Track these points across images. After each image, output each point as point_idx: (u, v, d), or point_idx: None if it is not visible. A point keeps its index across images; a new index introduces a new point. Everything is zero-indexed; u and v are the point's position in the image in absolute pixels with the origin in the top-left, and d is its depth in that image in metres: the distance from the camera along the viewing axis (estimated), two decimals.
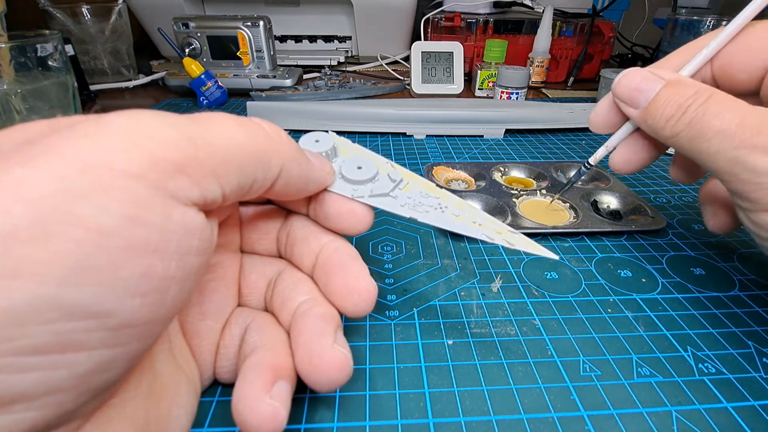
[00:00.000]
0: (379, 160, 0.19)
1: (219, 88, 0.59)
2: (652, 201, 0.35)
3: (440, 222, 0.17)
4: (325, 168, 0.17)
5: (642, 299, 0.24)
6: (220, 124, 0.13)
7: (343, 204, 0.17)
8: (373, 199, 0.17)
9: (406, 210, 0.17)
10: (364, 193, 0.17)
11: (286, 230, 0.19)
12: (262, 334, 0.16)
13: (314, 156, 0.17)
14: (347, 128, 0.49)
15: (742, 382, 0.19)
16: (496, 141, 0.49)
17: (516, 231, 0.17)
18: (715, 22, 0.55)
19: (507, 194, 0.34)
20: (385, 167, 0.19)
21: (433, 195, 0.18)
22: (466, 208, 0.18)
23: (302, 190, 0.16)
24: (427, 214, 0.17)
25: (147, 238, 0.10)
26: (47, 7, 0.62)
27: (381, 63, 0.81)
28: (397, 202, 0.18)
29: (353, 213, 0.17)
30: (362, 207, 0.17)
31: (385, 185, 0.18)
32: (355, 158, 0.19)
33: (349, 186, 0.18)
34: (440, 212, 0.17)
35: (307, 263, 0.17)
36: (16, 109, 0.39)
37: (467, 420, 0.18)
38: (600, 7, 0.75)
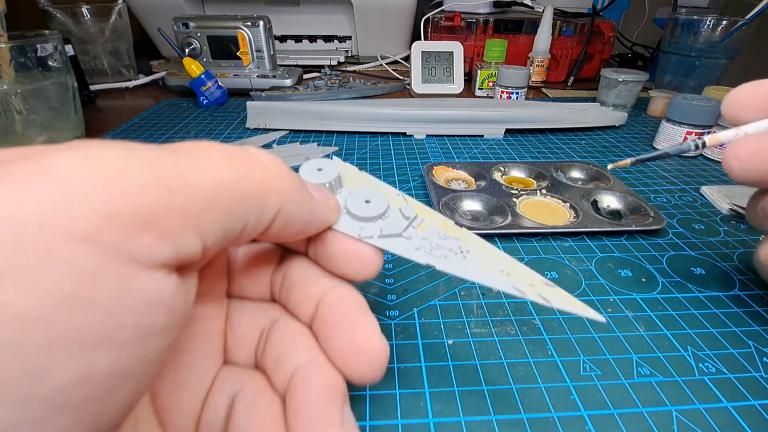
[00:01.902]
0: (389, 192, 0.17)
1: (219, 88, 0.59)
2: (652, 201, 0.35)
3: (462, 271, 0.15)
4: (330, 204, 0.15)
5: (642, 299, 0.24)
6: (204, 157, 0.10)
7: (349, 245, 0.15)
8: (384, 241, 0.15)
9: (422, 254, 0.15)
10: (373, 232, 0.15)
11: (282, 272, 0.16)
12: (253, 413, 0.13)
13: (317, 189, 0.15)
14: (347, 128, 0.49)
15: (742, 381, 0.19)
16: (496, 141, 0.49)
17: (552, 284, 0.14)
18: (715, 22, 0.55)
19: (507, 194, 0.34)
20: (396, 200, 0.17)
21: (452, 236, 0.16)
22: (491, 252, 0.15)
23: (302, 231, 0.14)
24: (446, 260, 0.15)
25: (88, 325, 0.07)
26: (47, 7, 0.62)
27: (381, 63, 0.81)
28: (410, 245, 0.15)
29: (360, 256, 0.15)
30: (370, 249, 0.15)
31: (396, 223, 0.16)
32: (362, 190, 0.16)
33: (356, 224, 0.15)
34: (461, 258, 0.15)
35: (306, 312, 0.15)
36: (16, 109, 0.39)
37: (467, 420, 0.18)
38: (600, 7, 0.75)
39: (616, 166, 0.23)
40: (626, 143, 0.48)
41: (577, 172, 0.39)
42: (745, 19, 0.53)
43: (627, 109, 0.58)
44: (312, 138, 0.48)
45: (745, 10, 0.52)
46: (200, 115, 0.55)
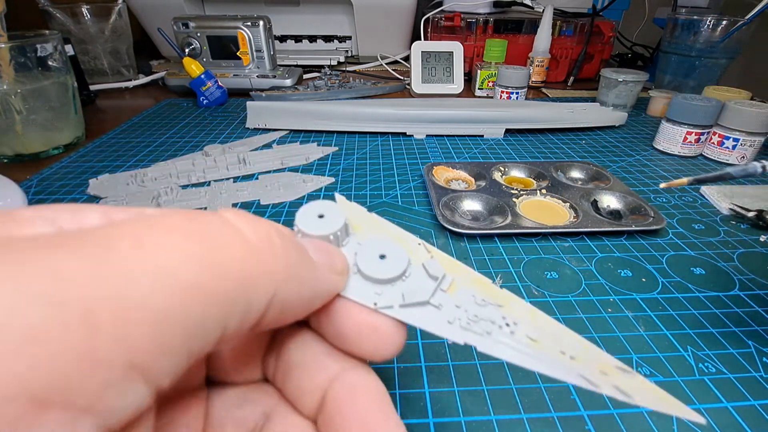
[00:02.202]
0: (407, 240, 0.13)
1: (219, 88, 0.59)
2: (652, 201, 0.35)
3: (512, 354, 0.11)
4: (336, 266, 0.12)
5: (642, 299, 0.24)
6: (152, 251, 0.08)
7: (363, 318, 0.12)
8: (407, 311, 0.12)
9: (457, 331, 0.12)
10: (393, 300, 0.12)
11: (276, 351, 0.13)
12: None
13: (319, 248, 0.12)
14: (347, 128, 0.49)
15: (742, 381, 0.19)
16: (496, 141, 0.49)
17: (629, 369, 0.11)
18: (715, 22, 0.55)
19: (507, 194, 0.34)
20: (417, 253, 0.13)
21: (492, 301, 0.12)
22: (545, 323, 0.12)
23: (303, 312, 0.11)
24: (490, 337, 0.12)
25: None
26: (47, 7, 0.62)
27: (381, 63, 0.81)
28: (442, 317, 0.12)
29: (378, 332, 0.12)
30: (390, 323, 0.12)
31: (421, 286, 0.12)
32: (375, 241, 0.13)
33: (371, 288, 0.12)
34: (508, 334, 0.12)
35: (309, 403, 0.12)
36: (16, 109, 0.39)
37: (467, 420, 0.18)
38: (600, 7, 0.75)
39: (670, 185, 0.22)
40: (626, 143, 0.48)
41: (577, 172, 0.39)
42: (745, 19, 0.53)
43: (627, 109, 0.58)
44: (312, 138, 0.48)
45: (745, 10, 0.52)
46: (200, 115, 0.55)
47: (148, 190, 0.35)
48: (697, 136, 0.43)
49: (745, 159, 0.43)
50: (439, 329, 0.12)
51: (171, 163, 0.40)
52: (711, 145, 0.44)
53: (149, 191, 0.35)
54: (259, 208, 0.33)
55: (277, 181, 0.37)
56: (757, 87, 0.62)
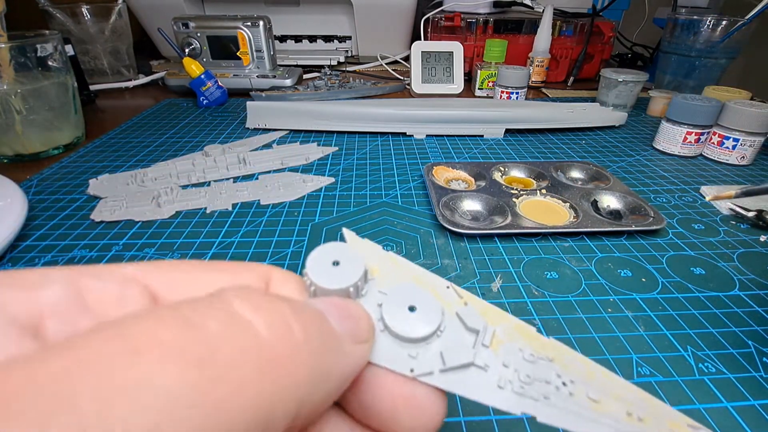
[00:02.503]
0: (434, 284, 0.11)
1: (219, 88, 0.59)
2: (652, 201, 0.35)
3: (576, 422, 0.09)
4: (361, 334, 0.10)
5: (642, 299, 0.24)
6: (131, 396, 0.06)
7: (399, 389, 0.10)
8: (450, 377, 0.10)
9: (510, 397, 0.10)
10: (432, 364, 0.10)
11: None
12: None
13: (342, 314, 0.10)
14: (347, 128, 0.49)
15: (742, 381, 0.19)
16: (496, 141, 0.49)
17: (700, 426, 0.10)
18: (715, 22, 0.55)
19: (507, 194, 0.34)
20: (449, 300, 0.11)
21: (542, 355, 0.10)
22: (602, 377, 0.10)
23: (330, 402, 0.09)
24: (548, 402, 0.10)
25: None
26: (47, 7, 0.62)
27: (381, 63, 0.81)
28: (490, 381, 0.10)
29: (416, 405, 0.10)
30: (431, 393, 0.10)
31: (461, 342, 0.10)
32: (399, 288, 0.11)
33: (403, 350, 0.10)
34: (567, 396, 0.10)
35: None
36: (16, 109, 0.39)
37: (467, 420, 0.18)
38: (600, 7, 0.75)
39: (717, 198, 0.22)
40: (626, 143, 0.48)
41: (577, 172, 0.39)
42: (745, 19, 0.53)
43: (627, 109, 0.58)
44: (312, 138, 0.48)
45: (745, 10, 0.52)
46: (200, 115, 0.55)
47: (148, 190, 0.35)
48: (697, 136, 0.43)
49: (745, 159, 0.43)
50: (490, 398, 0.10)
51: (171, 163, 0.41)
52: (711, 145, 0.44)
53: (149, 191, 0.35)
54: (259, 208, 0.33)
55: (277, 181, 0.37)
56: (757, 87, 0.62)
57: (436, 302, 0.11)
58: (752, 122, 0.41)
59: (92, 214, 0.32)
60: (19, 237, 0.29)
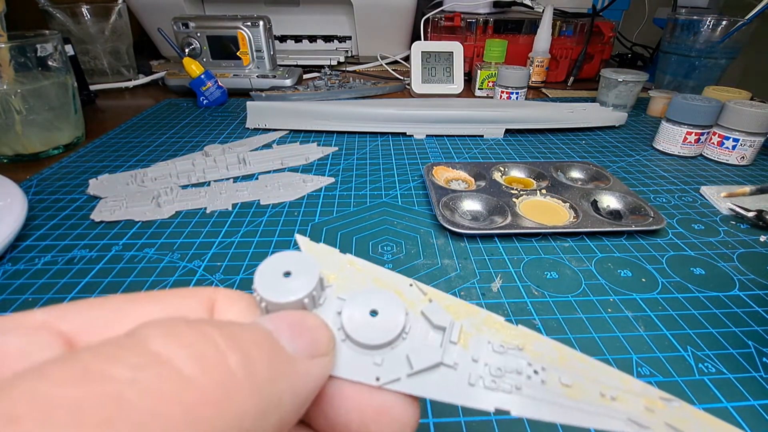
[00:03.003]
0: (396, 283, 0.11)
1: (219, 88, 0.59)
2: (652, 201, 0.35)
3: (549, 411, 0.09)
4: (320, 347, 0.09)
5: (642, 299, 0.24)
6: None
7: (366, 400, 0.09)
8: (419, 381, 0.10)
9: (481, 394, 0.09)
10: (399, 369, 0.10)
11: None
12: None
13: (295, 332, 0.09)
14: (347, 128, 0.49)
15: (742, 381, 0.19)
16: (496, 141, 0.49)
17: (672, 397, 0.10)
18: (715, 22, 0.55)
19: (507, 194, 0.34)
20: (413, 298, 0.11)
21: (511, 344, 0.10)
22: (574, 360, 0.10)
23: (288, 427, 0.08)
24: (520, 393, 0.09)
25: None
26: (47, 7, 0.62)
27: (381, 63, 0.81)
28: (461, 379, 0.10)
29: (386, 415, 0.09)
30: (401, 400, 0.09)
31: (427, 342, 0.10)
32: (359, 292, 0.10)
33: (368, 358, 0.10)
34: (539, 384, 0.10)
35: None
36: (16, 109, 0.39)
37: (467, 420, 0.18)
38: (600, 7, 0.75)
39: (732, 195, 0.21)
40: (626, 143, 0.48)
41: (577, 172, 0.39)
42: (745, 19, 0.53)
43: (627, 109, 0.58)
44: (312, 138, 0.48)
45: (745, 10, 0.52)
46: (200, 115, 0.55)
47: (148, 190, 0.35)
48: (696, 137, 0.43)
49: (745, 159, 0.43)
50: (462, 397, 0.09)
51: (171, 163, 0.40)
52: (711, 145, 0.44)
53: (149, 191, 0.35)
54: (259, 208, 0.33)
55: (277, 181, 0.37)
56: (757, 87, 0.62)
57: (400, 303, 0.10)
58: (752, 122, 0.41)
59: (92, 214, 0.32)
60: (19, 237, 0.29)
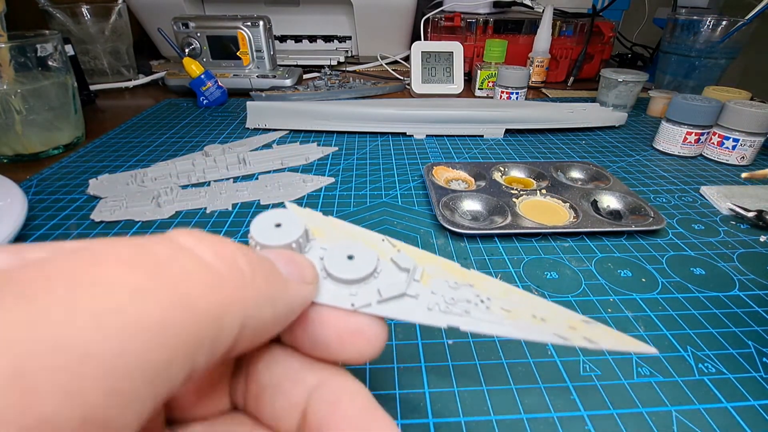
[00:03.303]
0: (371, 238, 0.13)
1: (219, 88, 0.59)
2: (652, 201, 0.35)
3: (490, 326, 0.12)
4: (306, 275, 0.11)
5: (642, 299, 0.24)
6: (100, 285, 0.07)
7: (342, 321, 0.11)
8: (386, 306, 0.12)
9: (437, 315, 0.12)
10: (370, 298, 0.12)
11: (244, 374, 0.12)
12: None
13: (286, 260, 0.11)
14: (347, 128, 0.49)
15: (742, 382, 0.19)
16: (496, 141, 0.49)
17: (591, 320, 0.12)
18: (715, 22, 0.55)
19: (507, 194, 0.34)
20: (384, 249, 0.13)
21: (464, 282, 0.13)
22: (514, 294, 0.13)
23: (276, 331, 0.10)
24: (469, 316, 0.12)
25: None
26: (47, 7, 0.62)
27: (381, 63, 0.81)
28: (421, 305, 0.12)
29: (359, 333, 0.11)
30: (372, 321, 0.11)
31: (395, 280, 0.12)
32: (339, 243, 0.13)
33: (345, 290, 0.12)
34: (485, 309, 0.12)
35: (288, 424, 0.11)
36: (16, 109, 0.39)
37: (467, 420, 0.18)
38: (600, 7, 0.75)
39: (753, 176, 0.21)
40: (626, 143, 0.48)
41: (577, 172, 0.39)
42: (745, 20, 0.53)
43: (627, 109, 0.58)
44: (312, 138, 0.48)
45: (745, 10, 0.52)
46: (200, 115, 0.55)
47: (148, 190, 0.35)
48: (697, 137, 0.43)
49: (745, 159, 0.43)
50: (421, 318, 0.12)
51: (171, 163, 0.40)
52: (711, 146, 0.44)
53: (149, 191, 0.35)
54: (259, 208, 0.33)
55: (277, 181, 0.37)
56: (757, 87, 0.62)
57: (373, 251, 0.12)
58: (752, 122, 0.41)
59: (92, 214, 0.32)
60: (18, 237, 0.29)
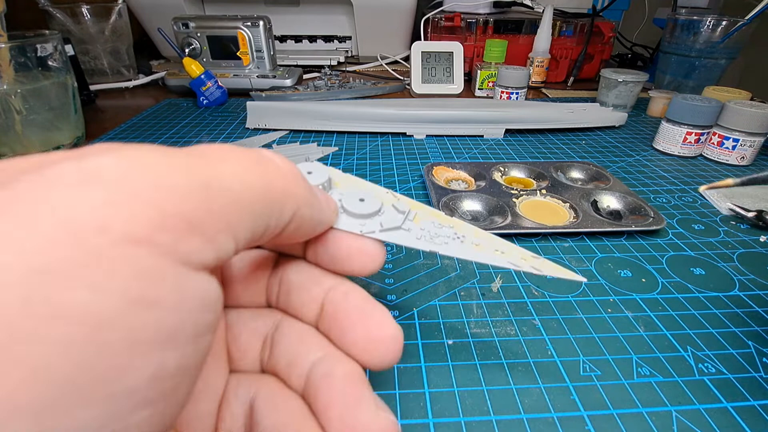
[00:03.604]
0: (378, 190, 0.17)
1: (219, 88, 0.59)
2: (652, 201, 0.35)
3: (462, 253, 0.16)
4: (331, 205, 0.15)
5: (642, 299, 0.24)
6: (230, 162, 0.10)
7: (353, 243, 0.15)
8: (385, 234, 0.16)
9: (424, 243, 0.16)
10: (374, 227, 0.16)
11: (278, 277, 0.16)
12: (276, 411, 0.13)
13: (320, 192, 0.15)
14: (347, 128, 0.49)
15: (742, 382, 0.19)
16: (496, 141, 0.49)
17: (539, 256, 0.16)
18: (715, 22, 0.55)
19: (507, 194, 0.34)
20: (388, 198, 0.17)
21: (446, 225, 0.17)
22: (484, 236, 0.17)
23: (311, 233, 0.14)
24: (447, 245, 0.16)
25: (159, 323, 0.08)
26: (47, 7, 0.62)
27: (381, 63, 0.81)
28: (412, 235, 0.16)
29: (365, 252, 0.15)
30: (374, 244, 0.15)
31: (394, 218, 0.16)
32: (353, 190, 0.17)
33: (356, 221, 0.16)
34: (460, 242, 0.16)
35: (309, 313, 0.15)
36: (16, 109, 0.39)
37: (467, 420, 0.18)
38: (600, 7, 0.75)
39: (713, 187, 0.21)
40: (626, 143, 0.48)
41: (577, 173, 0.39)
42: (745, 20, 0.53)
43: (627, 109, 0.58)
44: (312, 138, 0.48)
45: (745, 10, 0.52)
46: (200, 115, 0.55)
47: None
48: (696, 137, 0.43)
49: (745, 159, 0.43)
50: (411, 243, 0.16)
51: None
52: (711, 146, 0.44)
53: None
54: None
55: None
56: (757, 87, 0.62)
57: (378, 197, 0.17)
58: (752, 122, 0.41)
59: None
60: None
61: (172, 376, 0.08)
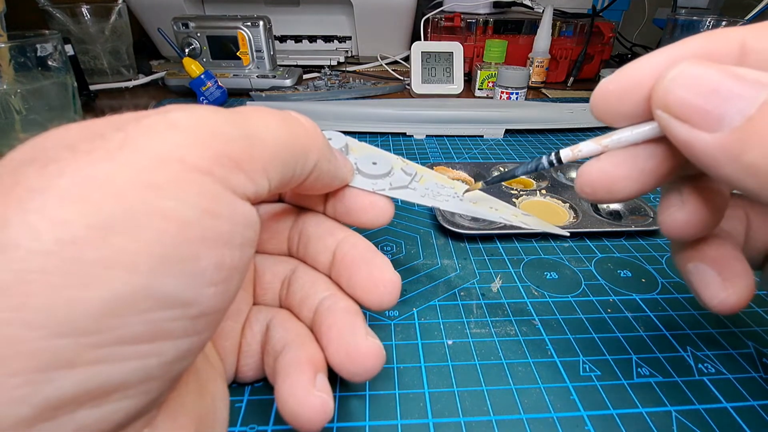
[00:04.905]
0: (389, 156, 0.20)
1: (219, 88, 0.59)
2: (652, 201, 0.36)
3: (461, 208, 0.19)
4: (347, 164, 0.18)
5: (642, 299, 0.24)
6: (264, 119, 0.13)
7: (366, 198, 0.18)
8: (394, 192, 0.18)
9: (427, 200, 0.19)
10: (384, 186, 0.18)
11: (298, 229, 0.19)
12: (287, 330, 0.17)
13: (338, 152, 0.17)
14: (347, 128, 0.49)
15: (741, 382, 0.19)
16: (496, 141, 0.49)
17: (529, 214, 0.19)
18: (714, 23, 0.55)
19: (507, 194, 0.34)
20: (397, 163, 0.20)
21: (448, 185, 0.20)
22: (480, 196, 0.19)
23: (328, 185, 0.17)
24: (447, 202, 0.19)
25: (219, 229, 0.11)
26: (47, 7, 0.62)
27: (381, 63, 0.81)
28: (417, 193, 0.19)
29: (376, 206, 0.18)
30: (384, 200, 0.18)
31: (402, 179, 0.19)
32: (367, 155, 0.19)
33: (369, 181, 0.18)
34: (459, 200, 0.19)
35: (323, 260, 0.18)
36: (16, 109, 0.39)
37: (467, 420, 0.18)
38: (600, 7, 0.75)
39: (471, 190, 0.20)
40: None
41: (577, 173, 0.39)
42: (745, 20, 0.53)
43: None
44: None
45: (745, 11, 0.53)
46: None
47: None
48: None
49: None
50: (416, 200, 0.19)
51: None
52: None
53: None
54: None
55: None
56: None
57: (389, 161, 0.19)
58: None
59: None
60: None
61: (228, 269, 0.11)
